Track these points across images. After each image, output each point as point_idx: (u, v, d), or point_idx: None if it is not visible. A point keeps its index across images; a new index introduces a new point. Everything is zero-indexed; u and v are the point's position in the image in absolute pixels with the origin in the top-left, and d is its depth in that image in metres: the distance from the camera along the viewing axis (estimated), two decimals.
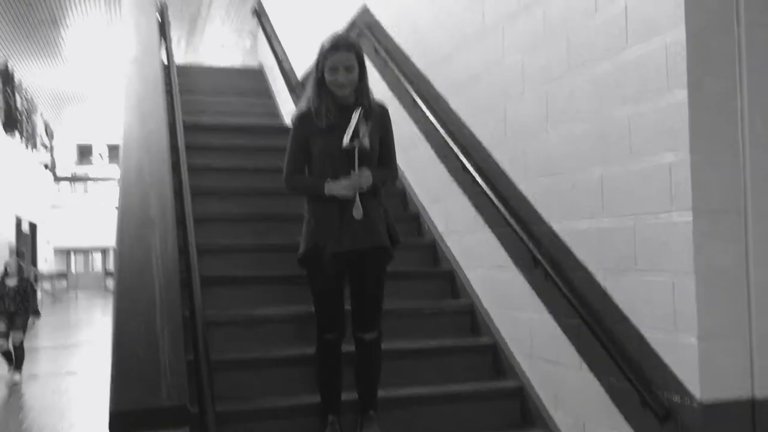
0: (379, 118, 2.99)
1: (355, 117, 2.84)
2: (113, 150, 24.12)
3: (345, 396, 3.00)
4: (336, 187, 2.85)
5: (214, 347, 2.97)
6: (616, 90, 2.64)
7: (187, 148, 4.15)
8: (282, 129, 6.25)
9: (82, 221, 30.05)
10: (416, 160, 4.54)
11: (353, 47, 2.89)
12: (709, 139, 2.33)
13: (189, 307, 2.80)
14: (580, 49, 2.85)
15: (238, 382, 3.14)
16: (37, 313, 8.34)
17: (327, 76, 2.87)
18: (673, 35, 2.37)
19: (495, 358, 3.54)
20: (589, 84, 2.80)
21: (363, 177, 2.85)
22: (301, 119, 2.96)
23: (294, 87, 7.54)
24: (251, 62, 15.53)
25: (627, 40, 2.58)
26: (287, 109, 8.00)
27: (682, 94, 2.33)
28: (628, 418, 2.61)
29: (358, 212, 2.83)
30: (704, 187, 2.32)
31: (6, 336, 7.96)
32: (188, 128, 4.81)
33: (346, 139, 2.83)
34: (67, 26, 14.89)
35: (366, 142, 2.85)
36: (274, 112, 8.55)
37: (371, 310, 2.94)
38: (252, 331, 3.45)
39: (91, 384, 7.97)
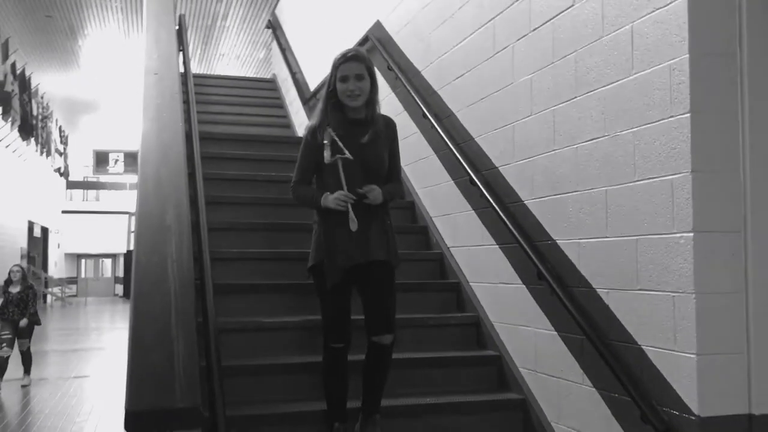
0: (385, 131, 3.08)
1: (327, 135, 2.96)
2: (129, 157, 24.33)
3: (350, 404, 3.06)
4: (329, 200, 2.94)
5: (224, 353, 3.04)
6: (622, 112, 2.72)
7: (202, 157, 4.25)
8: (294, 140, 6.35)
9: (94, 227, 30.32)
10: (426, 174, 4.62)
11: (363, 58, 2.99)
12: (710, 161, 2.40)
13: (202, 313, 2.87)
14: (587, 72, 2.93)
15: (247, 387, 3.21)
16: (35, 317, 8.31)
17: (338, 86, 2.96)
18: (677, 60, 2.44)
19: (499, 371, 3.60)
20: (595, 105, 2.87)
21: (372, 193, 2.94)
22: (312, 132, 3.06)
23: (307, 99, 7.66)
24: (265, 73, 15.72)
25: (633, 63, 2.66)
26: (299, 120, 8.12)
27: (684, 117, 2.40)
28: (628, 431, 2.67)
29: (353, 224, 2.92)
30: (705, 207, 2.38)
31: (11, 344, 8.04)
32: (203, 138, 4.92)
33: (327, 155, 2.93)
34: (85, 36, 15.12)
35: (348, 154, 2.94)
36: (286, 123, 8.68)
37: (384, 315, 2.98)
38: (262, 338, 3.52)
39: (99, 388, 8.06)
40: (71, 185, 28.65)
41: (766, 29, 2.45)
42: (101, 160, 25.65)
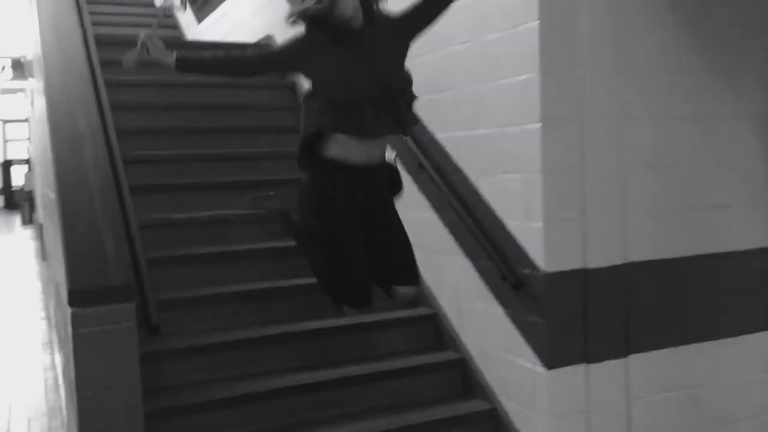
0: (389, 29, 2.59)
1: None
2: (17, 64, 22.41)
3: None
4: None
5: (144, 247, 3.34)
6: (488, 19, 3.11)
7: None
8: (187, 44, 6.37)
9: None
10: None
11: None
12: (555, 62, 2.86)
13: (120, 209, 3.14)
14: None
15: (168, 275, 3.53)
16: None
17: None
18: None
19: None
20: (466, 11, 3.23)
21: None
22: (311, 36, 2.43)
23: None
24: None
25: None
26: (186, 21, 8.04)
27: (534, 24, 2.84)
28: (493, 290, 3.24)
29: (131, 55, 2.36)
30: (550, 101, 2.87)
31: None
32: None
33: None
34: None
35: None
36: (173, 23, 8.54)
37: (408, 253, 2.68)
38: (173, 232, 3.83)
39: None
40: None
41: None
42: None
